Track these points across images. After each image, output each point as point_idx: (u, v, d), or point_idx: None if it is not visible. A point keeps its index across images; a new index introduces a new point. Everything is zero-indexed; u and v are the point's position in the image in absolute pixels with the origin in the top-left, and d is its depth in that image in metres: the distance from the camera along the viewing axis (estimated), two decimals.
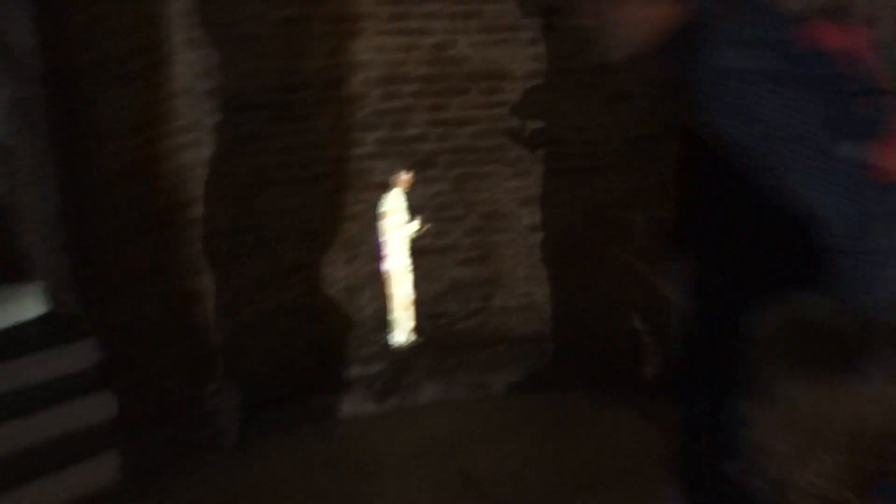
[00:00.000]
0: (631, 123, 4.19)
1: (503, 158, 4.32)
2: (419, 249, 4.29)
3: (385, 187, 4.20)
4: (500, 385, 4.36)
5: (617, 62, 1.96)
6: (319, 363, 4.23)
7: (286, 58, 3.95)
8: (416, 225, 4.26)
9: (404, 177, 4.19)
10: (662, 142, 4.06)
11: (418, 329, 4.40)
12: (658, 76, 1.85)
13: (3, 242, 5.17)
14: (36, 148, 4.03)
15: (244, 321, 4.05)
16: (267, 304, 4.11)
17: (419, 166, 4.22)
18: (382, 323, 4.36)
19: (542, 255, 4.42)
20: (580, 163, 4.31)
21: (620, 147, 4.24)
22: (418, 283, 4.32)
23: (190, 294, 3.77)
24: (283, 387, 4.10)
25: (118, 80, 3.20)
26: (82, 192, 3.69)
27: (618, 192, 4.27)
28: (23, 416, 3.53)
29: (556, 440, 3.77)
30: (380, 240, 4.26)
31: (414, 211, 4.24)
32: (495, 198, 4.37)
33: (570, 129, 4.27)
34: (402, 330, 4.39)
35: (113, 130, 3.44)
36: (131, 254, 3.62)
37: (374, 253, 4.28)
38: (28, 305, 4.49)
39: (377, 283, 4.32)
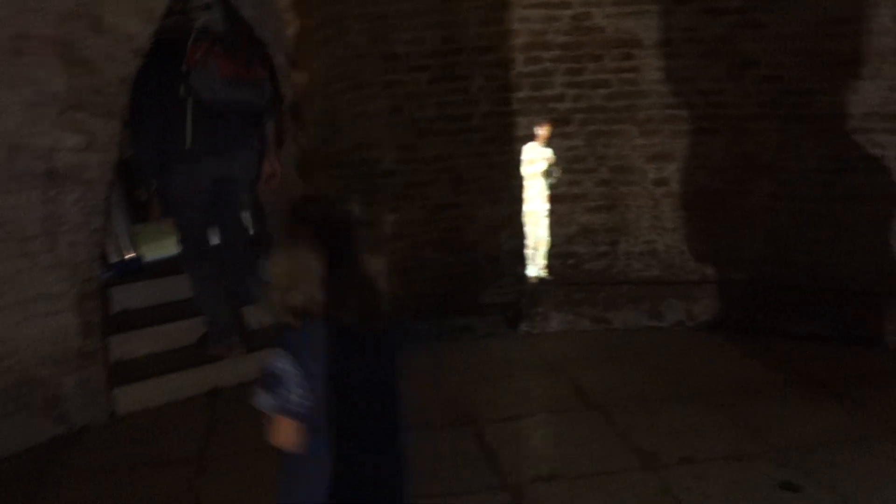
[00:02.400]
0: (753, 89, 4.50)
1: (632, 118, 4.72)
2: (554, 196, 4.80)
3: (526, 140, 4.72)
4: (619, 320, 4.86)
5: None
6: (461, 290, 4.85)
7: (446, 28, 4.55)
8: (552, 174, 4.74)
9: (543, 132, 4.68)
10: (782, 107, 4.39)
11: (549, 267, 4.93)
12: None
13: None
14: None
15: (399, 249, 4.72)
16: (419, 237, 4.76)
17: (556, 123, 4.70)
18: (518, 259, 4.92)
19: (665, 207, 4.81)
20: (704, 124, 4.65)
21: (741, 112, 4.54)
22: (552, 226, 4.84)
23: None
24: (430, 308, 4.67)
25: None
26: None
27: (736, 152, 4.60)
28: None
29: (657, 366, 4.25)
30: (519, 186, 4.81)
31: (550, 162, 4.73)
32: (623, 153, 4.78)
33: (696, 93, 4.62)
34: (536, 266, 4.94)
35: (308, 86, 4.23)
36: (314, 186, 4.40)
37: (514, 197, 4.84)
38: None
39: (515, 224, 4.87)
